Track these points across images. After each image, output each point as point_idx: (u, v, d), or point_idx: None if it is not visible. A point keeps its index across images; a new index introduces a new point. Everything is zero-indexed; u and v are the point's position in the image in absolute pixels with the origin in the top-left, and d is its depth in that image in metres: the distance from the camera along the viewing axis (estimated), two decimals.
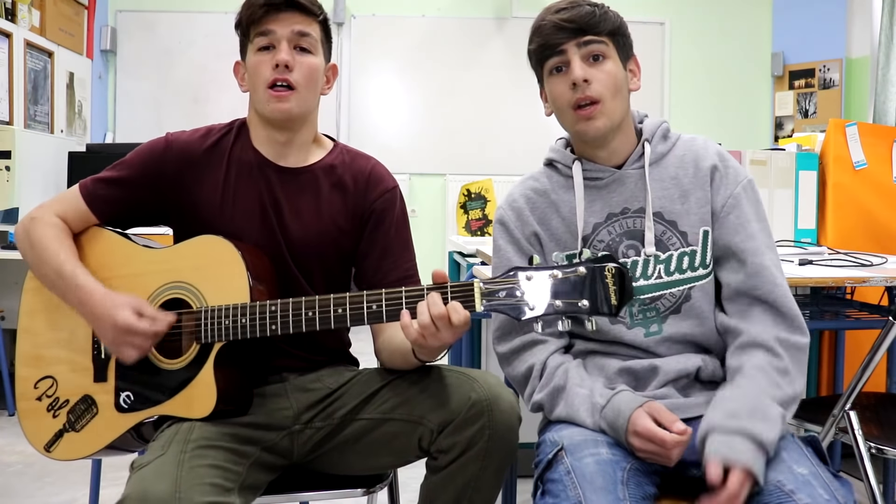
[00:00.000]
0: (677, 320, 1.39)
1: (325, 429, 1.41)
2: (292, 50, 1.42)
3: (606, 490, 1.17)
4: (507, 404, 1.28)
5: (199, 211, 1.45)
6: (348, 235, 1.49)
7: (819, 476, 1.18)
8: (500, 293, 1.15)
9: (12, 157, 3.55)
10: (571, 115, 1.38)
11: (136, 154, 1.47)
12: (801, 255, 2.22)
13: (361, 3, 5.84)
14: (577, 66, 1.35)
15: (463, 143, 5.80)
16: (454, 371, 1.36)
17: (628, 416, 1.25)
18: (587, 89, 1.34)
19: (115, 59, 5.72)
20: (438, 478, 1.30)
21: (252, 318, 1.30)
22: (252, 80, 1.44)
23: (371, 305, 1.24)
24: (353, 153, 1.55)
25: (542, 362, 1.39)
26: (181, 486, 1.15)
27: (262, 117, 1.46)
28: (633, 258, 1.40)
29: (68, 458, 1.42)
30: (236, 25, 1.47)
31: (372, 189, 1.50)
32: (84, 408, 1.41)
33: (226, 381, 1.33)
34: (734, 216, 1.38)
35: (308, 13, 1.44)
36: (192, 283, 1.38)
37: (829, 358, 2.74)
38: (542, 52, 1.39)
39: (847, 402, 1.64)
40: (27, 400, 1.46)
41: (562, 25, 1.35)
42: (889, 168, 2.90)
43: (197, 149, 1.47)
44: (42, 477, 2.67)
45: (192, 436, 1.27)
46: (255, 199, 1.45)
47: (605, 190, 1.42)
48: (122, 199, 1.46)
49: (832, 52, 5.55)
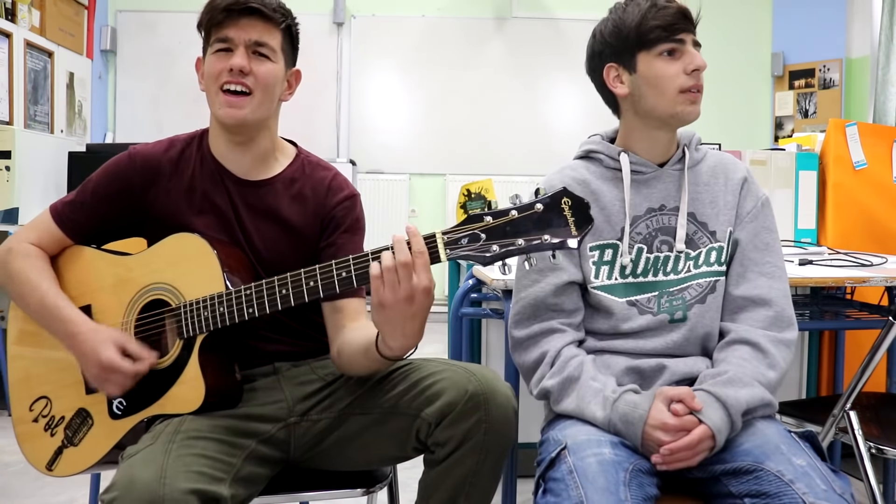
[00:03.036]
0: (702, 310, 1.44)
1: (324, 422, 1.41)
2: (249, 55, 1.41)
3: (608, 490, 1.17)
4: (504, 397, 1.29)
5: (168, 221, 1.45)
6: (309, 240, 1.49)
7: (817, 468, 1.22)
8: (462, 240, 1.15)
9: (12, 157, 3.55)
10: (676, 96, 1.41)
11: (102, 172, 1.49)
12: (801, 255, 2.22)
13: (361, 3, 5.84)
14: (697, 54, 1.42)
15: (463, 143, 5.80)
16: (451, 364, 1.36)
17: (647, 408, 1.28)
18: (700, 78, 1.43)
19: (115, 59, 5.73)
20: (436, 472, 1.30)
21: (229, 305, 1.31)
22: (207, 81, 1.43)
23: (340, 273, 1.24)
24: (313, 163, 1.55)
25: (557, 350, 1.41)
26: (167, 472, 1.17)
27: (218, 122, 1.46)
28: (666, 253, 1.45)
29: (70, 474, 1.45)
30: (198, 25, 1.45)
31: (332, 197, 1.50)
32: (80, 421, 1.43)
33: (212, 373, 1.34)
34: (753, 226, 1.48)
35: (269, 20, 1.42)
36: (169, 282, 1.39)
37: (829, 358, 2.74)
38: (663, 32, 1.41)
39: (847, 402, 1.64)
40: (24, 423, 1.48)
41: (686, 13, 1.42)
42: (889, 168, 2.90)
43: (160, 161, 1.47)
44: (42, 477, 2.64)
45: (182, 427, 1.29)
46: (218, 210, 1.46)
47: (645, 185, 1.47)
48: (92, 217, 1.48)
49: (832, 52, 5.56)
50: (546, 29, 5.81)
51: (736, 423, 1.27)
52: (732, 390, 1.29)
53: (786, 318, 1.42)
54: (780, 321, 1.41)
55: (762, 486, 1.20)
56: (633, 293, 1.43)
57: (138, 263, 1.44)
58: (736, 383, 1.31)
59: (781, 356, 1.38)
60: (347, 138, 5.81)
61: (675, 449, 1.23)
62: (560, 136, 5.61)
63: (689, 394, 1.28)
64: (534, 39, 5.81)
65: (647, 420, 1.27)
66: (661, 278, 1.44)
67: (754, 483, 1.22)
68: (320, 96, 5.78)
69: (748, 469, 1.23)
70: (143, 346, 1.36)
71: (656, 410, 1.27)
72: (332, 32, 5.83)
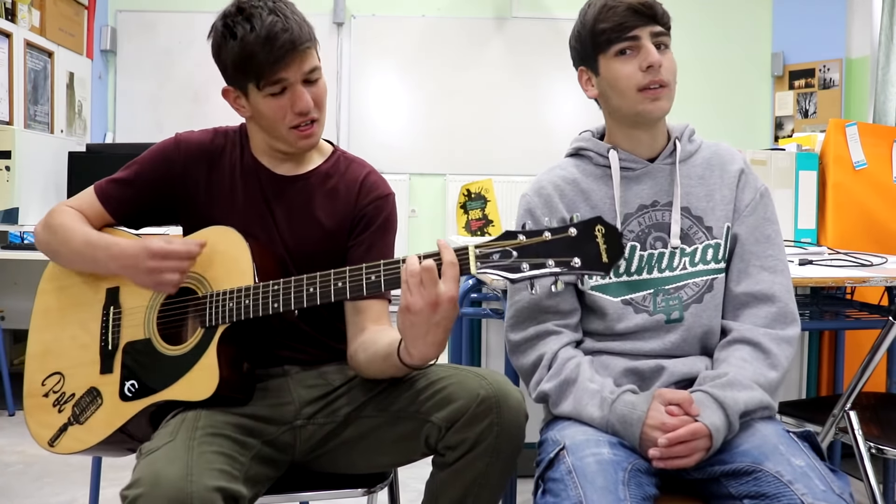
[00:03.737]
0: (699, 310, 1.42)
1: (329, 425, 1.41)
2: (305, 85, 1.40)
3: (607, 490, 1.17)
4: (515, 401, 1.29)
5: (206, 210, 1.47)
6: (340, 237, 1.50)
7: (816, 468, 1.22)
8: (493, 255, 1.16)
9: (12, 157, 3.56)
10: (636, 95, 1.40)
11: (148, 154, 1.51)
12: (801, 255, 2.22)
13: (361, 3, 5.84)
14: (652, 50, 1.38)
15: (463, 143, 5.80)
16: (460, 368, 1.36)
17: (645, 408, 1.27)
18: (659, 73, 1.38)
19: (115, 59, 5.72)
20: (445, 474, 1.30)
21: (255, 298, 1.32)
22: (269, 122, 1.43)
23: (370, 276, 1.24)
24: (349, 160, 1.56)
25: (554, 353, 1.40)
26: (193, 470, 1.17)
27: (270, 140, 1.47)
28: (660, 250, 1.44)
29: (70, 452, 1.43)
30: (231, 68, 1.41)
31: (364, 196, 1.51)
32: (89, 400, 1.42)
33: (228, 365, 1.34)
34: (753, 219, 1.46)
35: (307, 45, 1.39)
36: (199, 271, 1.40)
37: (829, 358, 2.74)
38: (613, 33, 1.39)
39: (847, 402, 1.64)
40: (34, 397, 1.48)
41: (638, 9, 1.38)
42: (889, 168, 2.90)
43: (205, 148, 1.50)
44: (42, 477, 2.67)
45: (199, 423, 1.29)
46: (252, 204, 1.48)
47: (636, 181, 1.46)
48: (134, 198, 1.50)
49: (832, 52, 5.55)
50: (546, 29, 5.80)
51: (734, 426, 1.27)
52: (731, 393, 1.29)
53: (789, 315, 1.41)
54: (782, 318, 1.40)
55: (761, 487, 1.20)
56: (628, 292, 1.43)
57: None
58: (735, 386, 1.30)
59: (784, 355, 1.37)
60: (347, 138, 5.80)
61: (673, 439, 1.22)
62: (560, 136, 5.62)
63: (687, 399, 1.27)
64: (534, 39, 5.80)
65: (645, 420, 1.26)
66: (655, 275, 1.43)
67: (753, 484, 1.22)
68: None
69: (747, 470, 1.23)
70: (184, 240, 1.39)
71: (655, 411, 1.27)
72: (332, 32, 5.82)
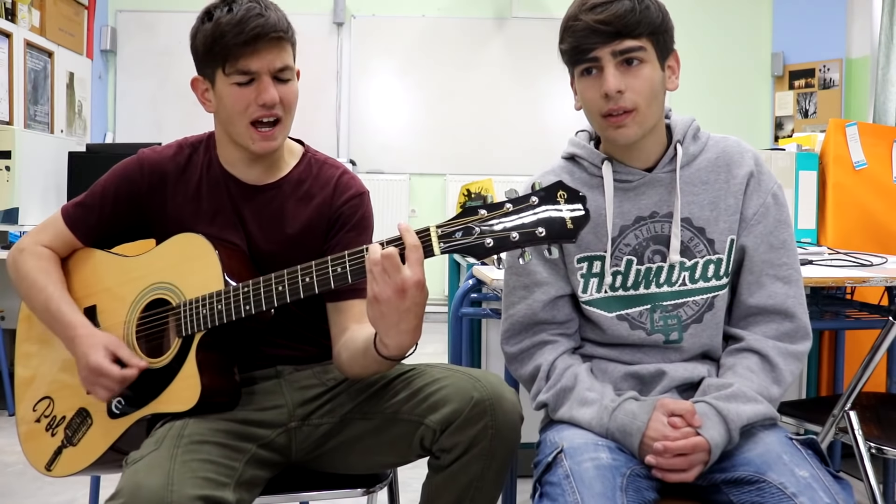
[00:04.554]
0: (698, 330, 1.37)
1: (325, 427, 1.41)
2: (273, 82, 1.37)
3: (605, 496, 1.16)
4: (510, 403, 1.28)
5: (173, 226, 1.45)
6: (315, 242, 1.48)
7: (820, 479, 1.18)
8: (456, 234, 1.13)
9: (12, 157, 3.55)
10: (601, 121, 1.31)
11: (111, 174, 1.49)
12: (801, 255, 2.22)
13: (361, 3, 5.84)
14: (610, 76, 1.26)
15: (463, 143, 5.80)
16: (455, 370, 1.36)
17: (645, 419, 1.24)
18: (620, 100, 1.27)
19: (115, 59, 5.73)
20: (441, 477, 1.29)
21: (227, 302, 1.31)
22: (229, 112, 1.38)
23: (336, 268, 1.22)
24: (321, 161, 1.53)
25: (550, 363, 1.38)
26: (174, 479, 1.16)
27: (234, 142, 1.43)
28: (659, 264, 1.37)
29: (68, 474, 1.45)
30: (202, 50, 1.37)
31: (339, 196, 1.49)
32: (80, 421, 1.43)
33: (210, 372, 1.34)
34: (762, 226, 1.37)
35: (283, 41, 1.37)
36: (171, 281, 1.40)
37: (829, 358, 2.74)
38: (573, 55, 1.30)
39: (847, 402, 1.64)
40: (27, 423, 1.50)
41: (595, 28, 1.25)
42: (889, 168, 2.90)
43: (168, 166, 1.47)
44: (42, 477, 2.64)
45: (185, 431, 1.28)
46: (222, 216, 1.45)
47: (633, 192, 1.37)
48: (102, 220, 1.49)
49: (832, 52, 5.55)
50: (546, 29, 5.80)
51: (734, 438, 1.24)
52: (735, 405, 1.25)
53: (801, 330, 1.36)
54: (794, 332, 1.35)
55: (764, 498, 1.17)
56: (623, 307, 1.37)
57: (142, 264, 1.44)
58: (739, 398, 1.26)
59: (790, 370, 1.33)
60: (347, 138, 5.81)
61: (672, 449, 1.20)
62: (560, 136, 5.59)
63: (689, 410, 1.24)
64: (534, 39, 5.80)
65: (645, 432, 1.24)
66: (653, 290, 1.37)
67: (756, 494, 1.19)
68: (320, 96, 5.78)
69: (750, 479, 1.20)
70: (134, 353, 1.37)
71: (656, 422, 1.24)
72: (332, 32, 5.83)
